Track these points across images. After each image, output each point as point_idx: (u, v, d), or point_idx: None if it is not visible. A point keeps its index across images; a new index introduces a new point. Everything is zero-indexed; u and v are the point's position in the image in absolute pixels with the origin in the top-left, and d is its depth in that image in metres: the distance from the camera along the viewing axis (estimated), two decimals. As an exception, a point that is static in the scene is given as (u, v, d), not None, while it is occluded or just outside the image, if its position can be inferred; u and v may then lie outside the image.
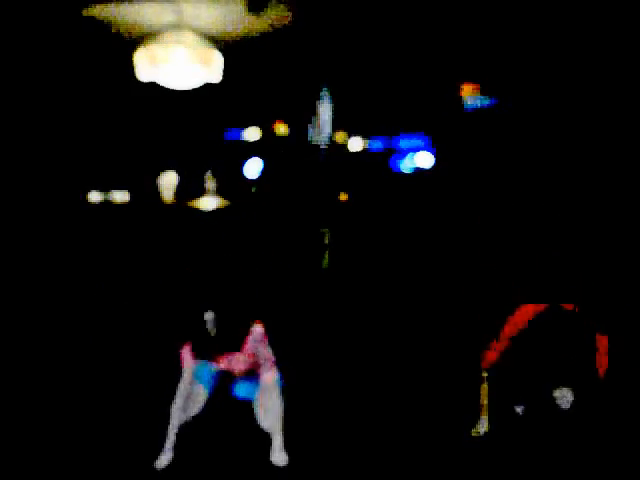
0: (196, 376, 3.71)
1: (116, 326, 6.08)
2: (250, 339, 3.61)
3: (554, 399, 3.95)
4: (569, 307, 3.93)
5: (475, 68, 7.61)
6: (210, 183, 8.82)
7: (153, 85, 6.46)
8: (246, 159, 8.78)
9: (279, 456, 3.65)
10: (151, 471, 3.60)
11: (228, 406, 3.76)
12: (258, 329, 3.62)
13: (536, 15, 6.36)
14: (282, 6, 6.36)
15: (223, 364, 3.63)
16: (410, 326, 6.14)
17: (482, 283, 6.53)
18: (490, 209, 7.54)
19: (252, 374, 3.70)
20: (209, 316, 3.50)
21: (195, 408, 3.72)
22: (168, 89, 6.53)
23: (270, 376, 3.64)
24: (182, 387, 3.64)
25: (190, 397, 3.69)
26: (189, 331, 3.61)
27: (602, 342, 3.90)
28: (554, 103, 7.32)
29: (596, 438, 3.87)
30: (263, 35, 6.93)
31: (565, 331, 3.88)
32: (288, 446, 3.70)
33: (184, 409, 3.61)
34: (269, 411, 3.65)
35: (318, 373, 5.02)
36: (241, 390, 3.75)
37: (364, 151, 8.77)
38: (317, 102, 8.11)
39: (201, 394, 3.72)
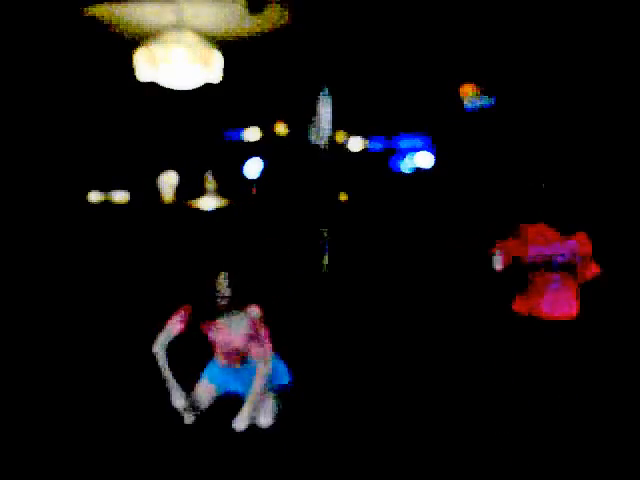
0: (208, 376, 3.70)
1: (114, 325, 6.08)
2: (248, 321, 3.59)
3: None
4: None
5: (475, 68, 7.61)
6: (210, 183, 8.83)
7: (153, 85, 6.46)
8: (246, 159, 8.79)
9: (240, 422, 3.52)
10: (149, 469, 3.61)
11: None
12: (255, 311, 3.59)
13: (535, 15, 6.37)
14: (282, 6, 6.37)
15: (219, 344, 3.60)
16: (409, 326, 6.14)
17: (480, 282, 6.53)
18: (490, 209, 7.54)
19: (244, 363, 3.67)
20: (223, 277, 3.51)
21: (202, 405, 3.70)
22: (168, 89, 6.53)
23: (260, 351, 3.59)
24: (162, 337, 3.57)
25: (199, 393, 3.68)
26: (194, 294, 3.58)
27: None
28: (554, 103, 7.33)
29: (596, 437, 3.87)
30: (263, 35, 6.94)
31: None
32: (290, 446, 3.71)
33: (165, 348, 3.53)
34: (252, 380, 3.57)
35: (323, 373, 5.02)
36: (233, 384, 3.72)
37: (364, 151, 8.78)
38: (317, 102, 8.11)
39: (211, 393, 3.70)
